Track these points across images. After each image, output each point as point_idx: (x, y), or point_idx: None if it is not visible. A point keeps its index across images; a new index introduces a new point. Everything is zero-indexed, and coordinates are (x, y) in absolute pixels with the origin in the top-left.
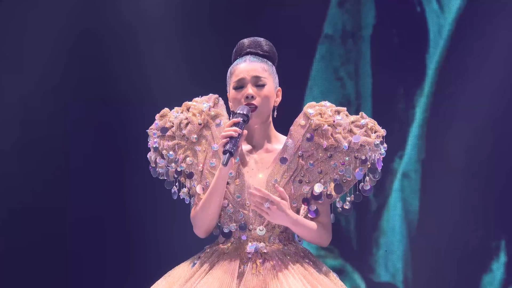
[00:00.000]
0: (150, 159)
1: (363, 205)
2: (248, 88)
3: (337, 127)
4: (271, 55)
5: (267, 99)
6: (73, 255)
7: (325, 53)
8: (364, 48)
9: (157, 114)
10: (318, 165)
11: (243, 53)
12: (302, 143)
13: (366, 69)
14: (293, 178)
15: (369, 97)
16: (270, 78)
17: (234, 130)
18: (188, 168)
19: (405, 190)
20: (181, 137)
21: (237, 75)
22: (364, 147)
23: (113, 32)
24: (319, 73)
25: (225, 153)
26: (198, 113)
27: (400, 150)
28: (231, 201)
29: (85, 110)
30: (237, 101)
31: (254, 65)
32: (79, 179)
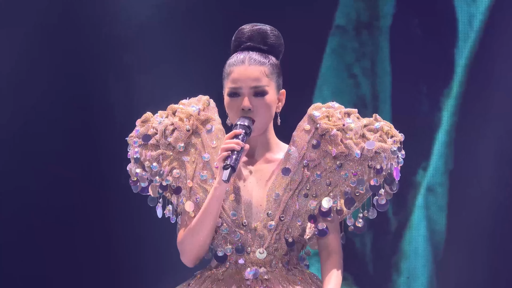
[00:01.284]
0: (130, 172)
1: (381, 224)
2: (245, 99)
3: (347, 131)
4: (276, 48)
5: (268, 109)
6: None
7: (336, 47)
8: (381, 41)
9: (138, 120)
10: (326, 176)
11: (242, 47)
12: (307, 151)
13: (384, 65)
14: (297, 191)
15: (387, 98)
16: (272, 83)
17: (236, 143)
18: (175, 182)
19: (430, 207)
20: (167, 146)
21: (233, 81)
22: (379, 154)
23: (93, 26)
24: (329, 70)
25: (226, 168)
26: (186, 118)
27: (424, 161)
28: (225, 220)
29: (60, 111)
30: (232, 110)
31: (254, 71)
32: (45, 194)
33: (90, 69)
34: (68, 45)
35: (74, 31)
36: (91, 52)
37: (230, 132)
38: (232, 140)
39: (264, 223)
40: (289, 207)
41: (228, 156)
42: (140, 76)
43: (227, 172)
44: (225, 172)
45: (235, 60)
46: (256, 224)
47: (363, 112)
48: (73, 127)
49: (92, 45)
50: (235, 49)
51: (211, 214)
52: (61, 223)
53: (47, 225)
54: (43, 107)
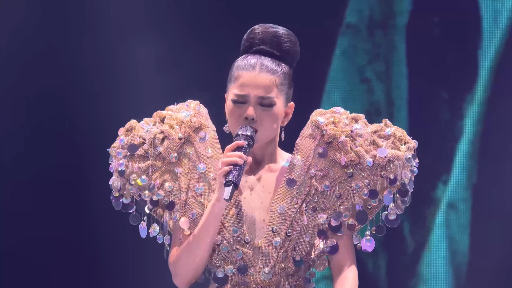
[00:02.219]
0: (113, 186)
1: (396, 245)
2: (250, 108)
3: (356, 138)
4: (291, 56)
5: (273, 122)
6: None
7: (347, 47)
8: (397, 42)
9: (121, 128)
10: (336, 187)
11: (254, 49)
12: (314, 160)
13: (401, 68)
14: (305, 204)
15: (404, 105)
16: (282, 94)
17: (239, 156)
18: (168, 197)
19: (451, 225)
20: (156, 157)
21: (240, 88)
22: (393, 162)
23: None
24: (339, 73)
25: (228, 184)
26: (177, 125)
27: (444, 174)
28: (225, 237)
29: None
30: (233, 117)
31: (264, 79)
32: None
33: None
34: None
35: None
36: (72, 48)
37: (232, 144)
38: (234, 153)
39: (269, 239)
40: (296, 222)
41: (230, 171)
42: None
43: (229, 189)
44: (226, 190)
45: (245, 64)
46: (260, 241)
47: (376, 120)
48: (53, 131)
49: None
50: (246, 50)
51: (208, 232)
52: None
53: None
54: (18, 108)
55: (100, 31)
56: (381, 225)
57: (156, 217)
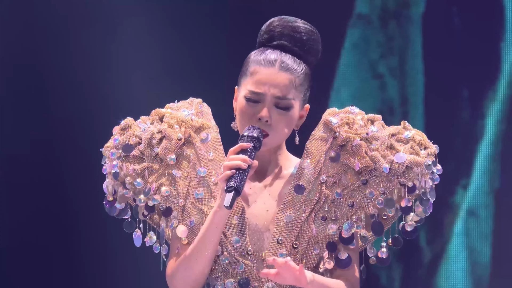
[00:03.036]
0: (107, 190)
1: (412, 255)
2: (264, 108)
3: (372, 141)
4: (312, 55)
5: (287, 126)
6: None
7: (357, 40)
8: (413, 34)
9: (116, 126)
10: (348, 195)
11: (274, 43)
12: (325, 165)
13: (416, 63)
14: (314, 213)
15: (420, 103)
16: (300, 96)
17: (243, 160)
18: (164, 202)
19: (472, 234)
20: (153, 158)
21: (257, 84)
22: (412, 169)
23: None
24: (349, 68)
25: (229, 190)
26: (176, 124)
27: (463, 177)
28: (226, 248)
29: (19, 116)
30: (244, 116)
31: (283, 78)
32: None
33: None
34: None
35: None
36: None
37: (236, 146)
38: (238, 156)
39: (274, 251)
40: (304, 232)
41: (232, 176)
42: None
43: (230, 196)
44: (227, 196)
45: (264, 60)
46: (263, 253)
47: (390, 119)
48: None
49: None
50: (264, 43)
51: (209, 243)
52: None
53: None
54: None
55: (88, 17)
56: (397, 236)
57: (152, 225)
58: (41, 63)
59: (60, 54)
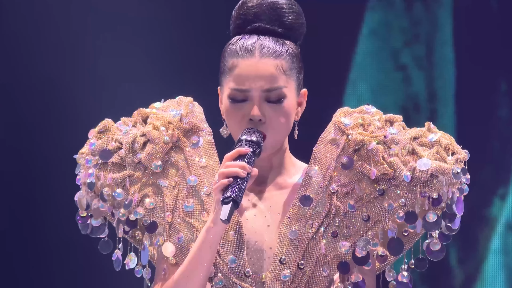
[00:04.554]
0: (80, 203)
1: (440, 277)
2: (254, 107)
3: (391, 145)
4: (296, 30)
5: (285, 120)
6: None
7: (377, 26)
8: (442, 18)
9: (93, 129)
10: (363, 207)
11: (249, 27)
12: (336, 172)
13: (446, 52)
14: (323, 229)
15: (450, 98)
16: (292, 81)
17: (241, 167)
18: (148, 216)
19: (511, 252)
20: (136, 166)
21: (238, 80)
22: (437, 178)
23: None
24: (367, 58)
25: (226, 202)
26: (162, 126)
27: (501, 186)
28: (221, 268)
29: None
30: (234, 119)
31: (267, 66)
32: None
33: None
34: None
35: None
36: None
37: (232, 151)
38: (236, 162)
39: (276, 272)
40: (311, 251)
41: (229, 186)
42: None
43: (227, 208)
44: (224, 209)
45: (240, 49)
46: (264, 275)
47: (415, 118)
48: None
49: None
50: (238, 30)
51: (201, 266)
52: None
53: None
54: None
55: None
56: (421, 257)
57: (134, 243)
58: (13, 58)
59: (34, 49)
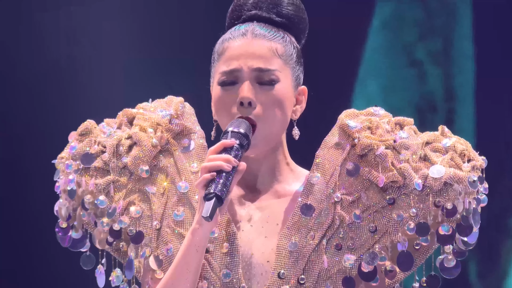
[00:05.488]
0: (60, 213)
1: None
2: (244, 87)
3: (401, 150)
4: (295, 24)
5: (279, 107)
6: None
7: (389, 17)
8: (460, 9)
9: (73, 132)
10: (371, 217)
11: (244, 16)
12: (340, 180)
13: (465, 46)
14: (325, 240)
15: (469, 98)
16: (287, 69)
17: (225, 160)
18: (134, 225)
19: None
20: (121, 171)
21: (228, 61)
22: (451, 186)
23: None
24: (378, 53)
25: (208, 198)
26: (150, 128)
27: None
28: (214, 283)
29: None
30: (223, 108)
31: (260, 45)
32: None
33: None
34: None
35: None
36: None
37: (217, 144)
38: (219, 156)
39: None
40: (312, 265)
41: (212, 181)
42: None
43: (209, 204)
44: (206, 205)
45: (232, 34)
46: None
47: (431, 119)
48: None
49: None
50: (233, 21)
51: (188, 272)
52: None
53: None
54: None
55: None
56: (434, 274)
57: (118, 257)
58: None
59: (12, 46)
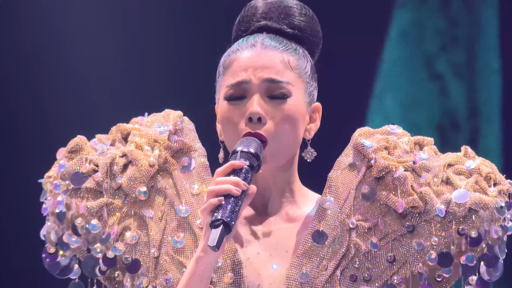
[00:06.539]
0: (48, 238)
1: None
2: (253, 101)
3: (422, 173)
4: (308, 36)
5: (290, 123)
6: None
7: (407, 26)
8: (485, 18)
9: (62, 148)
10: (389, 246)
11: (252, 28)
12: (355, 204)
13: (491, 59)
14: (340, 271)
15: (495, 114)
16: (300, 83)
17: (234, 183)
18: (130, 253)
19: None
20: (115, 192)
21: (235, 73)
22: (476, 213)
23: None
24: (396, 66)
25: (215, 225)
26: (147, 145)
27: None
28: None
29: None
30: (230, 124)
31: (271, 56)
32: None
33: None
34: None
35: None
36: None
37: (225, 165)
38: (227, 178)
39: None
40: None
41: (220, 206)
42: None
43: (216, 232)
44: (213, 233)
45: (240, 45)
46: None
47: (453, 138)
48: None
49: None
50: (241, 33)
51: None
52: None
53: None
54: None
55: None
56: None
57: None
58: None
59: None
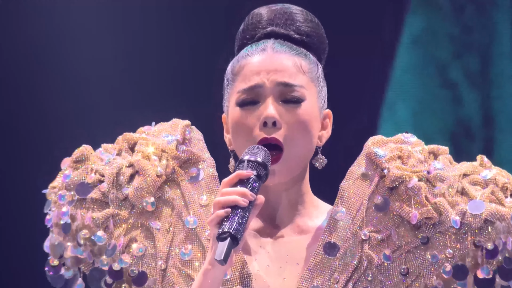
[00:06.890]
0: (53, 250)
1: None
2: (267, 105)
3: (436, 183)
4: (315, 41)
5: (306, 130)
6: None
7: (421, 33)
8: (500, 23)
9: (67, 158)
10: (402, 258)
11: (259, 35)
12: (368, 215)
13: (506, 66)
14: (352, 284)
15: (511, 124)
16: (313, 88)
17: (241, 194)
18: (137, 266)
19: None
20: (121, 203)
21: (247, 78)
22: (493, 224)
23: None
24: (408, 73)
25: (222, 238)
26: (154, 155)
27: None
28: None
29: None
30: (243, 130)
31: (283, 60)
32: None
33: None
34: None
35: None
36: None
37: (231, 175)
38: (234, 189)
39: None
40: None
41: (227, 218)
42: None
43: (223, 246)
44: (220, 246)
45: (249, 51)
46: None
47: (467, 147)
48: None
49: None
50: (246, 41)
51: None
52: None
53: None
54: None
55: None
56: None
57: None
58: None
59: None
